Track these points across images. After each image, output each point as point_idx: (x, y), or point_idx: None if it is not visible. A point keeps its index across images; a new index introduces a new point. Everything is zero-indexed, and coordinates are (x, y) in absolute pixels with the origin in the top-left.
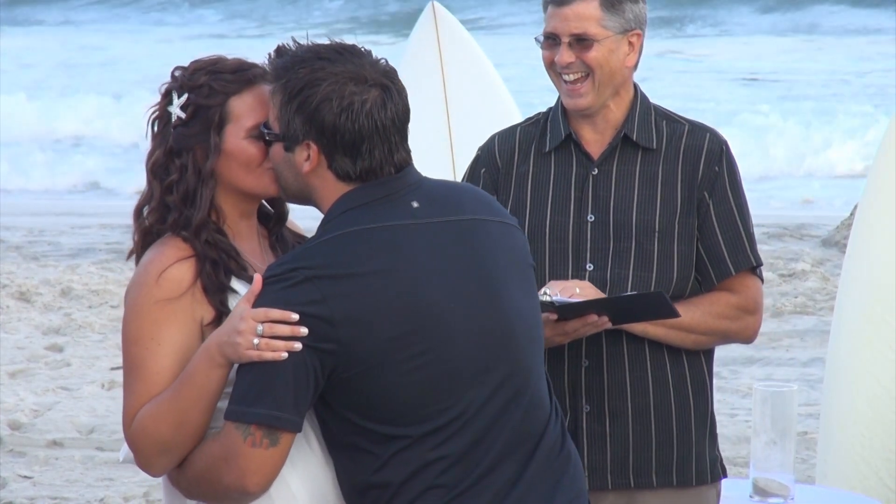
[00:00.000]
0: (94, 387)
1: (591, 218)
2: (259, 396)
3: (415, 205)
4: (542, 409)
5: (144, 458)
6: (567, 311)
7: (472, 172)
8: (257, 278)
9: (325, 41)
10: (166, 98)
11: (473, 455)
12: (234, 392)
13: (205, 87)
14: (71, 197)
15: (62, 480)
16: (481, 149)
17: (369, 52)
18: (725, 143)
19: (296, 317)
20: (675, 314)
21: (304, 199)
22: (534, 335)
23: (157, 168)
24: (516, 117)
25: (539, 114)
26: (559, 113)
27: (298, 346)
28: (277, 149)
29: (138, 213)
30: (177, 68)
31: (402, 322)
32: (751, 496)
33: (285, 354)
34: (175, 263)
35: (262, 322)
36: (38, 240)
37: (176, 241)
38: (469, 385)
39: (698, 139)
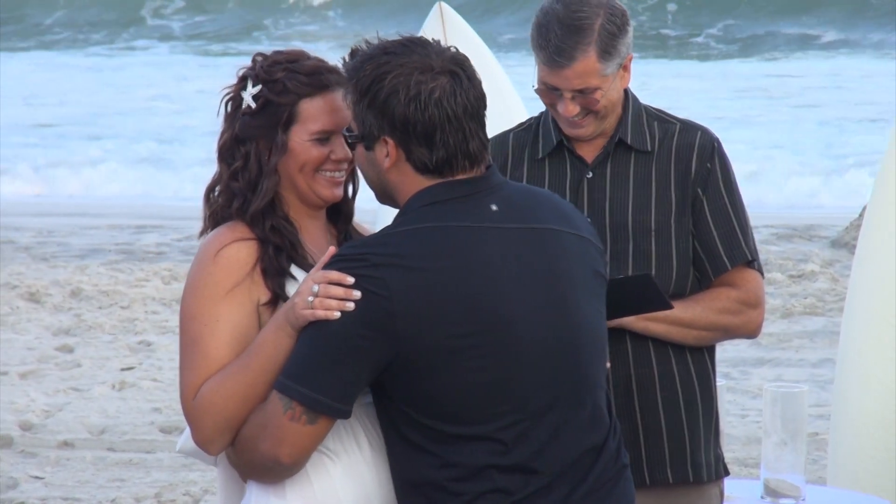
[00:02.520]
0: (104, 387)
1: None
2: (307, 375)
3: (494, 208)
4: (603, 422)
5: (205, 435)
6: None
7: None
8: (330, 250)
9: (396, 37)
10: (241, 83)
11: (536, 463)
12: (286, 363)
13: (279, 84)
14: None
15: (73, 481)
16: None
17: (437, 42)
18: (717, 139)
19: (351, 280)
20: (666, 303)
21: (389, 197)
22: (600, 348)
23: (225, 152)
24: (523, 117)
25: (531, 119)
26: (550, 119)
27: (351, 305)
28: (360, 150)
29: (209, 194)
30: (258, 54)
31: (466, 322)
32: (762, 497)
33: (337, 314)
34: (232, 243)
35: (319, 283)
36: (47, 240)
37: (239, 224)
38: (532, 392)
39: (690, 137)
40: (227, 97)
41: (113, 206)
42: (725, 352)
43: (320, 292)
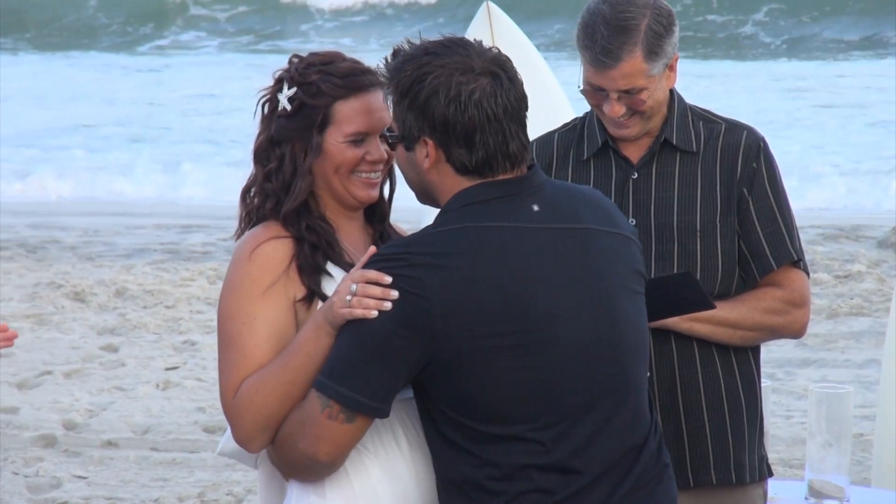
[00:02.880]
0: (148, 387)
1: (632, 222)
2: (345, 374)
3: (535, 208)
4: (644, 421)
5: (245, 432)
6: None
7: None
8: (371, 249)
9: (438, 38)
10: (277, 85)
11: (577, 463)
12: (325, 362)
13: (313, 86)
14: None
15: (117, 480)
16: None
17: (479, 43)
18: (763, 139)
19: (389, 279)
20: (708, 303)
21: (429, 197)
22: (641, 349)
23: (260, 153)
24: (570, 117)
25: (575, 119)
26: (595, 119)
27: (388, 305)
28: (400, 151)
29: (244, 195)
30: (294, 56)
31: (504, 322)
32: (806, 498)
33: (375, 313)
34: (268, 241)
35: (357, 282)
36: (93, 240)
37: (273, 223)
38: (571, 392)
39: (735, 137)
40: (264, 99)
41: (159, 206)
42: (771, 352)
43: (358, 291)
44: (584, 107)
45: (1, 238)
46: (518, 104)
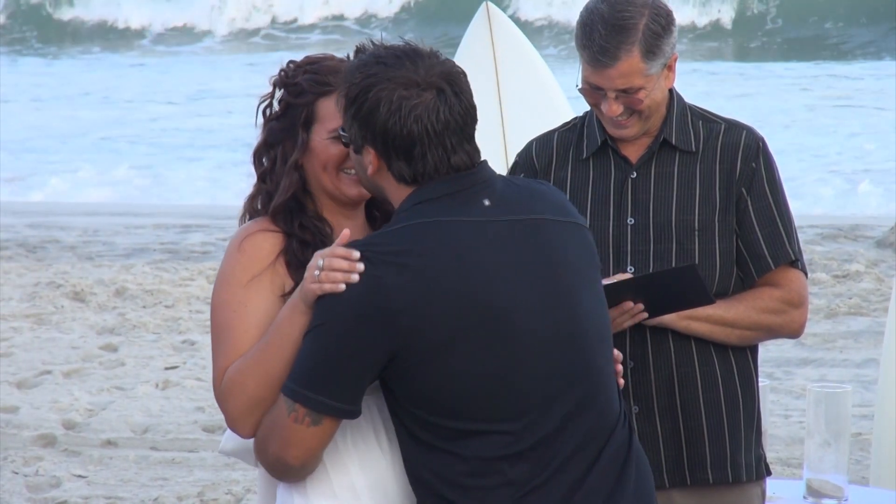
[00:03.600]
0: (148, 386)
1: (630, 221)
2: (309, 377)
3: (486, 203)
4: (612, 409)
5: (232, 416)
6: None
7: None
8: (345, 232)
9: (399, 41)
10: (273, 91)
11: (544, 453)
12: (293, 367)
13: (298, 86)
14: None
15: (116, 480)
16: (519, 155)
17: (432, 54)
18: (762, 139)
19: (356, 254)
20: (708, 297)
21: (381, 195)
22: (604, 335)
23: (257, 157)
24: (569, 117)
25: (575, 118)
26: (594, 119)
27: (356, 277)
28: (352, 152)
29: (248, 200)
30: (290, 61)
31: (463, 316)
32: (804, 497)
33: (342, 286)
34: (256, 233)
35: (324, 258)
36: (92, 240)
37: (265, 219)
38: (537, 382)
39: (735, 137)
40: (263, 105)
41: (158, 206)
42: (769, 352)
43: (325, 265)
44: (583, 107)
45: (1, 238)
46: (463, 118)
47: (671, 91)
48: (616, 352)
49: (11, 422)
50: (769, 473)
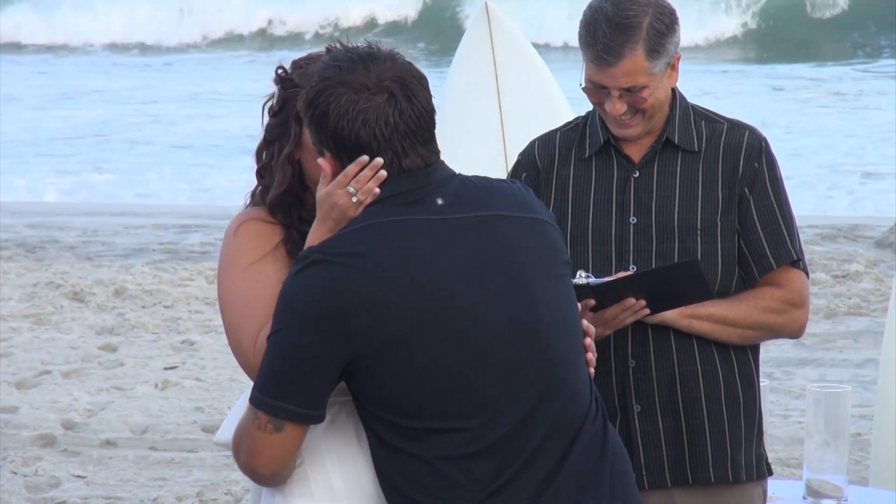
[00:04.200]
0: (147, 387)
1: (633, 220)
2: (269, 383)
3: (440, 201)
4: (580, 402)
5: None
6: (604, 294)
7: (513, 177)
8: (322, 162)
9: (362, 43)
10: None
11: (509, 450)
12: (257, 375)
13: (291, 82)
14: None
15: (115, 480)
16: (521, 154)
17: (388, 57)
18: (765, 139)
19: (380, 161)
20: (709, 291)
21: None
22: (570, 328)
23: (257, 154)
24: (569, 118)
25: (578, 118)
26: (597, 118)
27: (384, 174)
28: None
29: (249, 195)
30: (293, 62)
31: (419, 313)
32: (804, 497)
33: (378, 191)
34: (251, 220)
35: (347, 185)
36: (91, 240)
37: (260, 209)
38: (495, 378)
39: (737, 136)
40: (267, 104)
41: (157, 206)
42: (769, 352)
43: (357, 188)
44: (583, 105)
45: (0, 238)
46: (416, 122)
47: (673, 91)
48: (587, 340)
49: (10, 422)
50: (771, 473)
